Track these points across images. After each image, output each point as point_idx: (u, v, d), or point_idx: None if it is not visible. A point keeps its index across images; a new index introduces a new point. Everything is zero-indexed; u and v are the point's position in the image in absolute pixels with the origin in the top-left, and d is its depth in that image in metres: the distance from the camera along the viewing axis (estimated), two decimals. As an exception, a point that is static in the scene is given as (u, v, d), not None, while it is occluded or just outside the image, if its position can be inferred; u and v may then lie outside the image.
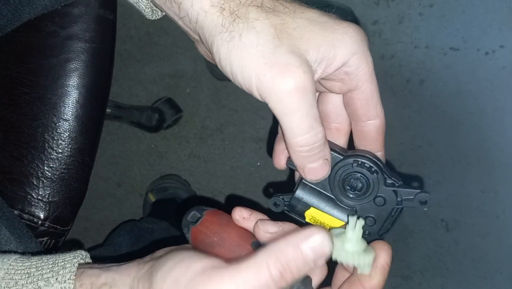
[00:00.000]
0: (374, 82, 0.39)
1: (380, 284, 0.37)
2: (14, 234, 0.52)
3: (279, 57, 0.35)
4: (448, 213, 1.21)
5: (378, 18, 1.14)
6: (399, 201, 0.40)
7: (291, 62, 0.35)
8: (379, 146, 0.41)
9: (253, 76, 0.35)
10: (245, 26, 0.35)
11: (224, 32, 0.36)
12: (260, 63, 0.35)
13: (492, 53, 1.12)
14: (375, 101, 0.39)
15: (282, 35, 0.35)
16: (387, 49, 1.14)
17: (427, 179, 1.21)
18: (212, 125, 1.25)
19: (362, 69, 0.38)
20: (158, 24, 1.20)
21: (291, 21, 0.36)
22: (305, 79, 0.35)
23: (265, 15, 0.36)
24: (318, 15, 0.37)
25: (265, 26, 0.35)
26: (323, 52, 0.36)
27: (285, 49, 0.35)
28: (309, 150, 0.37)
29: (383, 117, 0.40)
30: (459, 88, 1.15)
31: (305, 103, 0.35)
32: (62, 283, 0.36)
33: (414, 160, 1.20)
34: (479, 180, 1.18)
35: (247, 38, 0.35)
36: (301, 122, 0.36)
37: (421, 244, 1.23)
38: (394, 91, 1.17)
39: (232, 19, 0.36)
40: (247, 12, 0.36)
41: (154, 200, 1.22)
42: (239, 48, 0.35)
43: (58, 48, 0.59)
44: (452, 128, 1.17)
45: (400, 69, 1.15)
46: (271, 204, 0.42)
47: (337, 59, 0.37)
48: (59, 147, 0.59)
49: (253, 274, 0.31)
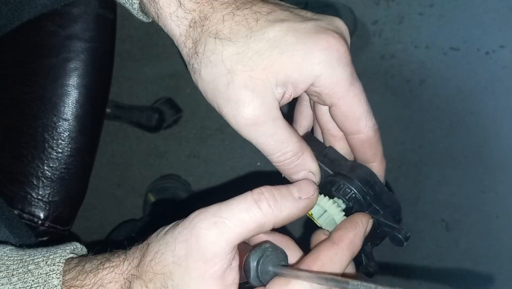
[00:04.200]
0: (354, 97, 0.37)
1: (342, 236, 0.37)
2: (14, 233, 0.52)
3: (231, 93, 0.35)
4: (448, 213, 1.21)
5: (378, 18, 1.14)
6: (380, 229, 0.40)
7: (241, 99, 0.35)
8: (370, 158, 0.40)
9: (216, 107, 0.37)
10: (203, 60, 0.36)
11: (189, 64, 0.37)
12: (217, 98, 0.36)
13: (492, 53, 1.12)
14: (354, 117, 0.38)
15: (236, 67, 0.35)
16: (387, 49, 1.14)
17: (427, 179, 1.21)
18: (212, 125, 1.25)
19: (332, 88, 0.36)
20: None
21: (248, 48, 0.35)
22: (256, 114, 0.35)
23: (221, 46, 0.35)
24: (281, 34, 0.35)
25: (219, 60, 0.35)
26: (283, 78, 0.35)
27: (237, 84, 0.35)
28: (283, 164, 0.38)
29: (370, 131, 0.39)
30: (459, 88, 1.15)
31: (260, 135, 0.36)
32: (51, 265, 0.37)
33: (414, 160, 1.20)
34: (479, 180, 1.18)
35: (205, 73, 0.36)
36: (264, 146, 0.37)
37: (421, 244, 1.23)
38: (394, 91, 1.17)
39: (194, 51, 0.37)
40: (205, 43, 0.36)
41: (154, 200, 1.22)
42: (201, 81, 0.37)
43: (58, 48, 0.59)
44: (452, 128, 1.17)
45: (400, 69, 1.15)
46: None
47: (300, 82, 0.36)
48: (59, 147, 0.59)
49: (238, 198, 0.34)
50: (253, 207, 0.34)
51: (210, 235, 0.33)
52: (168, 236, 0.34)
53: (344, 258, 0.36)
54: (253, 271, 0.34)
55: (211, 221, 0.33)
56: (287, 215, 0.35)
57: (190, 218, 0.34)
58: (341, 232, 0.37)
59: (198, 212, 0.34)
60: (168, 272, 0.33)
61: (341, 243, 0.36)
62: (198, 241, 0.33)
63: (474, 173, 1.18)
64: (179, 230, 0.34)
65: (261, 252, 0.34)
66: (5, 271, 0.37)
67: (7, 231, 0.51)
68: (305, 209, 0.36)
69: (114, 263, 0.35)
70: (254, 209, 0.34)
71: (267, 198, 0.34)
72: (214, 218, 0.33)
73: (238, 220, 0.33)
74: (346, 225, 0.37)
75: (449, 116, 1.17)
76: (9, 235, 0.51)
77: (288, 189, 0.36)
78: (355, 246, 0.36)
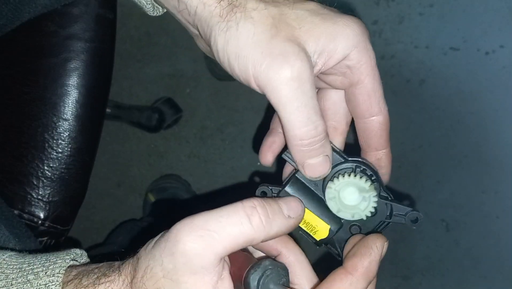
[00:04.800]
0: (377, 77, 0.38)
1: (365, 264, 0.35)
2: (13, 233, 0.52)
3: (276, 46, 0.34)
4: (448, 213, 1.21)
5: (378, 18, 1.14)
6: (388, 215, 0.40)
7: (288, 51, 0.34)
8: (384, 143, 0.40)
9: (250, 66, 0.35)
10: (242, 15, 0.35)
11: (221, 22, 0.35)
12: (257, 53, 0.34)
13: (492, 53, 1.12)
14: (378, 96, 0.38)
15: (280, 25, 0.35)
16: (387, 49, 1.14)
17: (427, 179, 1.20)
18: (212, 125, 1.25)
19: (364, 62, 0.37)
20: (158, 24, 1.20)
21: (291, 12, 0.36)
22: (302, 68, 0.34)
23: (264, 5, 0.35)
24: (319, 7, 0.37)
25: (263, 15, 0.35)
26: (323, 44, 0.35)
27: (282, 38, 0.34)
28: (309, 143, 0.36)
29: (387, 114, 0.39)
30: (459, 88, 1.15)
31: (302, 93, 0.34)
32: (50, 276, 0.36)
33: (414, 160, 1.20)
34: (479, 180, 1.18)
35: (244, 27, 0.35)
36: (299, 113, 0.35)
37: (421, 244, 1.23)
38: (394, 91, 1.17)
39: (230, 9, 0.35)
40: (246, 2, 0.35)
41: (154, 200, 1.22)
42: (236, 38, 0.35)
43: (58, 48, 0.59)
44: (452, 128, 1.17)
45: (400, 69, 1.15)
46: (258, 192, 0.40)
47: (338, 51, 0.36)
48: (59, 147, 0.59)
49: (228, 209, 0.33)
50: (244, 222, 0.33)
51: (196, 248, 0.32)
52: (155, 249, 0.33)
53: (359, 288, 0.34)
54: None
55: (197, 234, 0.32)
56: (276, 233, 0.34)
57: (175, 230, 0.33)
58: (355, 259, 0.35)
59: (183, 223, 0.33)
60: (161, 287, 0.33)
61: (356, 272, 0.34)
62: (184, 254, 0.32)
63: (474, 173, 1.18)
64: (165, 242, 0.33)
65: (261, 271, 0.33)
66: (4, 280, 0.37)
67: (7, 231, 0.51)
68: (292, 227, 0.36)
69: (110, 278, 0.35)
70: (245, 224, 0.33)
71: (260, 213, 0.33)
72: (201, 230, 0.32)
73: (227, 233, 0.32)
74: (361, 251, 0.35)
75: (449, 116, 1.17)
76: (9, 235, 0.51)
77: (278, 205, 0.35)
78: (370, 274, 0.35)
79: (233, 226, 0.32)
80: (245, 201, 0.34)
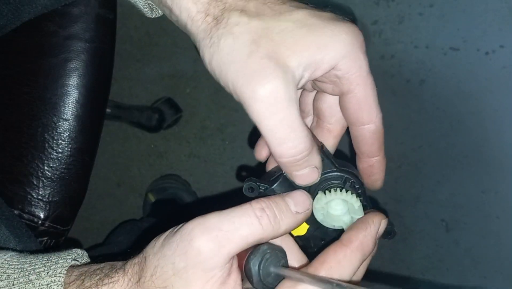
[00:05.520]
0: (369, 86, 0.37)
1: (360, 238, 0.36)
2: (14, 233, 0.52)
3: (252, 63, 0.34)
4: (448, 213, 1.21)
5: (378, 18, 1.14)
6: None
7: (263, 69, 0.33)
8: (376, 151, 0.40)
9: (229, 83, 0.35)
10: (224, 32, 0.35)
11: (206, 38, 0.36)
12: (234, 70, 0.34)
13: (492, 53, 1.12)
14: (369, 105, 0.37)
15: (261, 40, 0.34)
16: (387, 49, 1.14)
17: (427, 179, 1.21)
18: (212, 125, 1.25)
19: (353, 73, 0.36)
20: (158, 24, 1.20)
21: (275, 25, 0.35)
22: (276, 86, 0.33)
23: (247, 19, 0.35)
24: (307, 16, 0.35)
25: (244, 31, 0.35)
26: (308, 57, 0.34)
27: (261, 55, 0.34)
28: (290, 161, 0.36)
29: (379, 122, 0.38)
30: (459, 88, 1.15)
31: (276, 111, 0.34)
32: (52, 276, 0.37)
33: (414, 160, 1.20)
34: (479, 180, 1.18)
35: (225, 44, 0.35)
36: (275, 132, 0.34)
37: (421, 244, 1.23)
38: (394, 91, 1.17)
39: (214, 24, 0.36)
40: (229, 16, 0.35)
41: (154, 200, 1.22)
42: (218, 54, 0.35)
43: (58, 48, 0.59)
44: (452, 128, 1.17)
45: (400, 69, 1.15)
46: (245, 187, 0.39)
47: (324, 62, 0.35)
48: (59, 147, 0.59)
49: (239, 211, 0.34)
50: (255, 223, 0.34)
51: (211, 248, 0.33)
52: (165, 248, 0.34)
53: (354, 261, 0.34)
54: (255, 276, 0.34)
55: (212, 234, 0.33)
56: (285, 230, 0.35)
57: (188, 229, 0.33)
58: (351, 232, 0.36)
59: (197, 222, 0.33)
60: (170, 286, 0.33)
61: (351, 244, 0.35)
62: (199, 254, 0.33)
63: (474, 173, 1.18)
64: (177, 242, 0.33)
65: (261, 256, 0.34)
66: (6, 281, 0.37)
67: (7, 231, 0.51)
68: (300, 222, 0.36)
69: (114, 279, 0.35)
70: (255, 224, 0.34)
71: (269, 215, 0.34)
72: (215, 231, 0.33)
73: (239, 234, 0.33)
74: (358, 225, 0.36)
75: (449, 116, 1.17)
76: (9, 235, 0.51)
77: (285, 202, 0.36)
78: (366, 248, 0.35)
79: (245, 227, 0.33)
80: (254, 202, 0.35)
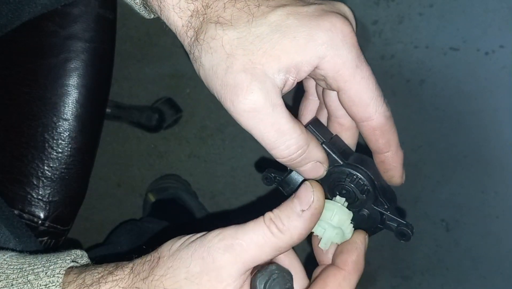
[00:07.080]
0: (360, 81, 0.35)
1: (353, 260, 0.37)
2: (14, 233, 0.52)
3: (230, 78, 0.34)
4: (448, 213, 1.21)
5: (378, 18, 1.14)
6: (381, 222, 0.40)
7: (240, 83, 0.34)
8: (382, 146, 0.38)
9: (216, 95, 0.36)
10: (202, 47, 0.35)
11: (191, 52, 0.37)
12: (216, 85, 0.35)
13: (492, 53, 1.12)
14: (363, 102, 0.36)
15: (236, 52, 0.34)
16: (387, 49, 1.14)
17: (427, 179, 1.21)
18: (212, 125, 1.25)
19: (337, 70, 0.35)
20: (158, 24, 1.19)
21: (251, 31, 0.34)
22: (255, 98, 0.34)
23: (222, 31, 0.35)
24: (283, 18, 0.34)
25: (220, 44, 0.35)
26: (286, 61, 0.34)
27: (237, 68, 0.34)
28: (288, 160, 0.37)
29: (381, 118, 0.37)
30: (459, 88, 1.15)
31: (260, 121, 0.34)
32: (51, 277, 0.37)
33: (414, 160, 1.20)
34: (479, 180, 1.18)
35: (205, 59, 0.35)
36: (265, 138, 0.35)
37: (421, 244, 1.23)
38: (394, 91, 1.17)
39: (194, 39, 0.36)
40: (207, 29, 0.35)
41: (154, 200, 1.22)
42: (202, 68, 0.36)
43: (58, 48, 0.59)
44: (452, 128, 1.17)
45: (400, 69, 1.15)
46: (262, 177, 0.42)
47: (304, 64, 0.34)
48: (59, 147, 0.59)
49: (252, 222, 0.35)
50: (266, 232, 0.34)
51: (227, 256, 0.33)
52: (183, 252, 0.34)
53: (353, 282, 0.36)
54: None
55: (229, 243, 0.33)
56: (299, 233, 0.35)
57: (209, 236, 0.34)
58: (343, 256, 0.37)
59: (218, 231, 0.34)
60: (178, 288, 0.33)
61: (347, 267, 0.36)
62: (215, 260, 0.33)
63: (474, 173, 1.18)
64: (195, 246, 0.34)
65: (268, 275, 0.34)
66: (5, 281, 0.37)
67: (7, 231, 0.51)
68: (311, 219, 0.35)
69: (118, 276, 0.35)
70: (266, 233, 0.34)
71: (276, 223, 0.34)
72: (232, 240, 0.33)
73: (254, 244, 0.34)
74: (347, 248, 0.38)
75: (449, 116, 1.17)
76: (9, 235, 0.51)
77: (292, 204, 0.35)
78: (360, 267, 0.37)
79: (259, 236, 0.34)
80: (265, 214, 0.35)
